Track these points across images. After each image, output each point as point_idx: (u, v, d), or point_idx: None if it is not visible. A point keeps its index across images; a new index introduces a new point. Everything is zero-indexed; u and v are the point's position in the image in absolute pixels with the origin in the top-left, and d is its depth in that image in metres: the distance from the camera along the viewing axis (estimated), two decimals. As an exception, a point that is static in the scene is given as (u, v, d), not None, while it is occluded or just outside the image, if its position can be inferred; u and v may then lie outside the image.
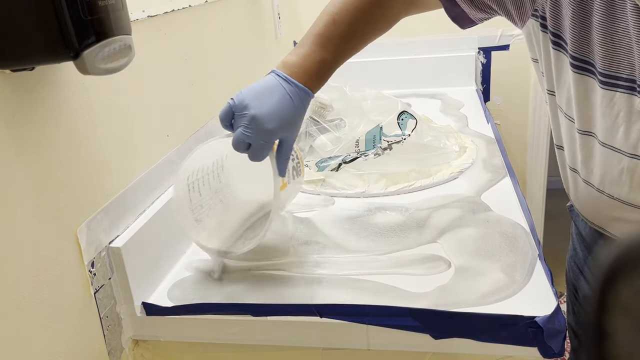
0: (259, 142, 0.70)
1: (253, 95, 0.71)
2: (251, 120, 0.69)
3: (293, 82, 0.72)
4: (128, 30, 0.59)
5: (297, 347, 0.74)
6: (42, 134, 0.62)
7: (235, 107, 0.71)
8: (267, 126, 0.69)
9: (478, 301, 0.70)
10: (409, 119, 1.16)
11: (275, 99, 0.70)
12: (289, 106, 0.71)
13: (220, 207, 0.82)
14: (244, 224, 0.82)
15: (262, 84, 0.72)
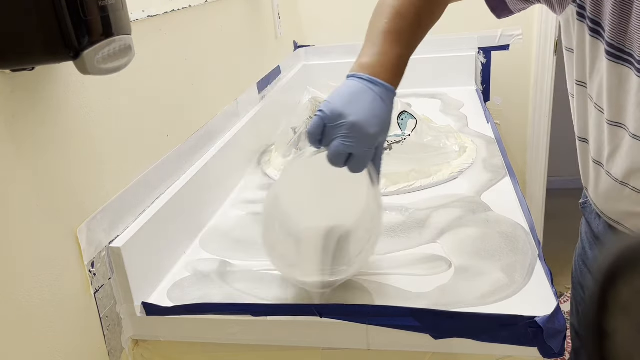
0: (362, 150, 0.65)
1: (344, 102, 0.66)
2: (351, 128, 0.64)
3: (380, 83, 0.68)
4: (128, 30, 0.59)
5: (297, 347, 0.74)
6: (42, 134, 0.62)
7: (328, 118, 0.65)
8: (369, 131, 0.65)
9: (478, 301, 0.70)
10: (409, 119, 1.16)
11: (368, 103, 0.66)
12: (382, 108, 0.67)
13: (292, 240, 0.74)
14: (326, 248, 0.73)
15: (347, 89, 0.67)
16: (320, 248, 0.72)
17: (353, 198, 0.70)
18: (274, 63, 1.52)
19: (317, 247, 0.72)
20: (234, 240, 0.91)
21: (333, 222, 0.74)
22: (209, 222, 0.98)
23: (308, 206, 0.73)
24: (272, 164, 1.18)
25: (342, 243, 0.73)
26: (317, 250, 0.72)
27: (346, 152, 0.65)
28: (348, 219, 0.73)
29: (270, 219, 0.73)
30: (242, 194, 1.09)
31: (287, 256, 0.73)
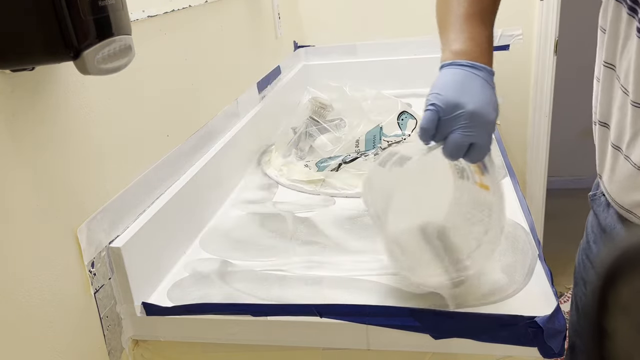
0: (483, 138, 0.63)
1: (457, 92, 0.63)
2: (471, 117, 0.62)
3: (482, 67, 0.66)
4: (128, 30, 0.59)
5: (297, 347, 0.74)
6: (42, 134, 0.62)
7: (443, 111, 0.63)
8: (489, 118, 0.63)
9: (478, 301, 0.70)
10: (409, 119, 1.16)
11: (479, 89, 0.64)
12: (492, 92, 0.66)
13: (398, 248, 0.71)
14: (430, 246, 0.71)
15: (452, 78, 0.65)
16: (424, 247, 0.70)
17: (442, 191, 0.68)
18: (274, 63, 1.52)
19: (421, 247, 0.71)
20: (234, 240, 0.91)
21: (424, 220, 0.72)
22: (209, 222, 0.98)
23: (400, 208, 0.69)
24: (272, 164, 1.18)
25: (444, 239, 0.71)
26: (423, 250, 0.70)
27: (468, 142, 0.63)
28: (438, 214, 0.71)
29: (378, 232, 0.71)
30: (242, 194, 1.09)
31: (402, 262, 0.71)
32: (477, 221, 0.69)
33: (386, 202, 0.68)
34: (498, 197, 0.66)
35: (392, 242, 0.70)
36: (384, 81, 1.66)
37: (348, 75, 1.72)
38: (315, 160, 1.12)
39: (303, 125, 1.23)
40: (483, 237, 0.68)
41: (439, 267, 0.69)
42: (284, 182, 1.11)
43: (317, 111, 1.27)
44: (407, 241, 0.71)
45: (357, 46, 1.79)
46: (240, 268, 0.83)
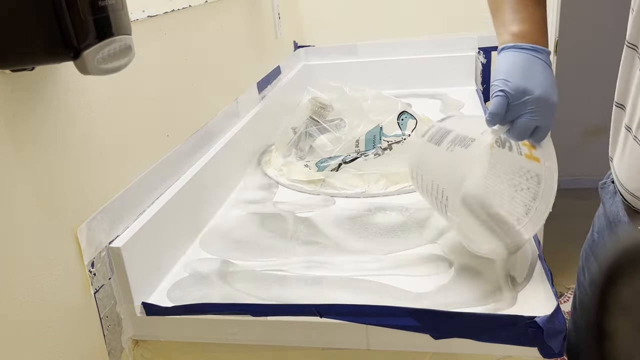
0: (549, 120, 0.67)
1: (524, 78, 0.67)
2: (537, 102, 0.66)
3: (542, 49, 0.69)
4: (128, 30, 0.59)
5: (297, 347, 0.74)
6: (42, 134, 0.62)
7: (512, 97, 0.67)
8: (553, 101, 0.67)
9: (478, 301, 0.70)
10: (409, 119, 1.16)
11: (542, 73, 0.68)
12: (552, 74, 0.69)
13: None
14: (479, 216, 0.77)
15: (516, 63, 0.68)
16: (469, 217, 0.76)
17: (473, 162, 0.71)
18: (274, 63, 1.52)
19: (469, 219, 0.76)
20: (234, 241, 0.91)
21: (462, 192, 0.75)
22: (209, 222, 0.98)
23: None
24: (272, 164, 1.18)
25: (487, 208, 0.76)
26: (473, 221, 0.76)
27: (534, 125, 0.67)
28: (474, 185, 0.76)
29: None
30: (242, 194, 1.09)
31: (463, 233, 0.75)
32: (523, 188, 0.72)
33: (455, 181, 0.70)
34: (549, 169, 0.70)
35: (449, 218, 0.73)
36: (384, 81, 1.66)
37: (348, 75, 1.72)
38: (315, 160, 1.12)
39: (303, 125, 1.23)
40: (531, 203, 0.71)
41: (490, 235, 0.73)
42: (284, 182, 1.11)
43: (317, 111, 1.27)
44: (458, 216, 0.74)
45: (357, 46, 1.79)
46: (240, 268, 0.83)
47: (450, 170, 0.71)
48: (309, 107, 1.28)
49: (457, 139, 0.71)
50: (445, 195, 0.71)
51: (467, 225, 0.76)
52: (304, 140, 1.20)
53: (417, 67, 1.72)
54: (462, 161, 0.70)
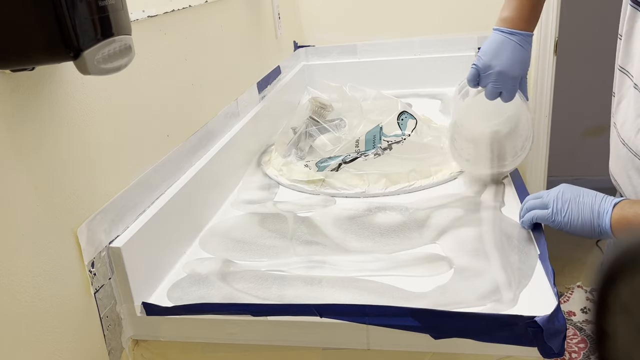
0: (508, 87, 0.90)
1: (492, 56, 0.90)
2: (498, 75, 0.89)
3: (517, 33, 0.89)
4: (128, 30, 0.59)
5: (297, 347, 0.74)
6: (42, 134, 0.62)
7: (481, 69, 0.90)
8: (512, 75, 0.89)
9: (478, 301, 0.70)
10: (409, 119, 1.16)
11: (509, 52, 0.89)
12: (521, 53, 0.90)
13: (472, 146, 1.05)
14: (492, 147, 1.03)
15: (493, 44, 0.90)
16: (489, 147, 1.03)
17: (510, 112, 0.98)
18: (274, 63, 1.52)
19: (487, 146, 1.03)
20: (233, 240, 0.91)
21: (497, 128, 1.04)
22: (209, 222, 0.98)
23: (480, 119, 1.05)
24: (272, 164, 1.18)
25: (503, 144, 1.03)
26: (487, 149, 1.03)
27: (498, 91, 0.90)
28: (506, 126, 1.03)
29: (454, 133, 1.01)
30: (242, 194, 1.09)
31: (466, 156, 1.04)
32: (520, 137, 1.00)
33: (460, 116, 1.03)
34: (529, 122, 0.97)
35: (468, 140, 1.04)
36: (384, 81, 1.66)
37: (348, 75, 1.72)
38: (315, 160, 1.12)
39: (303, 125, 1.23)
40: (519, 151, 0.99)
41: (488, 164, 1.02)
42: (284, 182, 1.11)
43: (317, 111, 1.27)
44: (482, 141, 1.04)
45: (357, 46, 1.79)
46: (240, 268, 0.83)
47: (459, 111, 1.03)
48: (309, 107, 1.28)
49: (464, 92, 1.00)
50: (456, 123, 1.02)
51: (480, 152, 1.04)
52: (304, 140, 1.20)
53: (417, 67, 1.72)
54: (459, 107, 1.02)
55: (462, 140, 1.04)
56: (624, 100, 0.78)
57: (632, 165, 0.76)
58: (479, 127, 1.06)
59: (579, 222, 0.74)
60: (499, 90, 0.90)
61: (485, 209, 0.92)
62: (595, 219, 0.73)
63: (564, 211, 0.75)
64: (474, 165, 1.04)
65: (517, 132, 1.01)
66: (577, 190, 0.77)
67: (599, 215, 0.73)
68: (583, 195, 0.76)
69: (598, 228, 0.73)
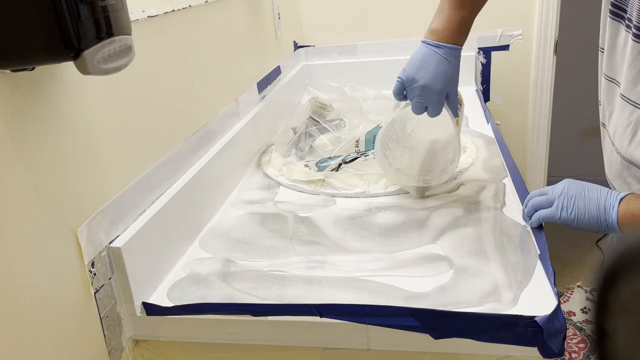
0: (433, 102, 0.87)
1: (416, 69, 0.86)
2: (422, 90, 0.86)
3: (443, 46, 0.85)
4: (128, 30, 0.59)
5: (297, 347, 0.74)
6: (42, 134, 0.62)
7: (405, 82, 0.87)
8: (435, 89, 0.85)
9: (478, 301, 0.70)
10: (408, 119, 1.15)
11: (433, 66, 0.85)
12: (446, 67, 0.86)
13: (407, 153, 1.03)
14: (425, 160, 1.02)
15: (419, 56, 0.87)
16: (423, 157, 1.02)
17: (442, 127, 0.94)
18: (274, 63, 1.52)
19: (421, 156, 1.02)
20: (233, 240, 0.91)
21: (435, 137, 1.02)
22: (209, 222, 0.98)
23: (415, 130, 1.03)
24: (272, 164, 1.18)
25: (435, 156, 1.02)
26: (421, 159, 1.02)
27: (422, 106, 0.87)
28: (444, 137, 1.00)
29: (386, 139, 0.99)
30: (242, 194, 1.09)
31: (397, 165, 1.02)
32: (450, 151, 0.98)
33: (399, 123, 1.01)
34: (457, 138, 0.94)
35: (405, 147, 1.03)
36: (384, 81, 1.66)
37: (348, 75, 1.72)
38: (315, 160, 1.12)
39: (303, 125, 1.23)
40: (449, 166, 0.97)
41: (416, 175, 1.00)
42: (284, 182, 1.11)
43: (317, 111, 1.27)
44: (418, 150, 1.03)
45: (357, 46, 1.79)
46: (240, 268, 0.83)
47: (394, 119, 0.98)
48: (309, 107, 1.28)
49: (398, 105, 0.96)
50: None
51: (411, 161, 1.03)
52: (304, 140, 1.20)
53: (417, 67, 1.72)
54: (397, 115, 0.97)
55: (398, 148, 1.02)
56: (615, 109, 0.79)
57: (628, 173, 0.78)
58: (419, 135, 1.04)
59: (586, 218, 0.74)
60: (424, 105, 0.87)
61: (485, 209, 0.92)
62: (602, 214, 0.73)
63: (570, 207, 0.76)
64: (403, 176, 1.01)
65: (450, 145, 0.99)
66: (582, 186, 0.76)
67: (605, 211, 0.73)
68: (588, 190, 0.75)
69: (605, 223, 0.73)
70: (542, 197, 0.80)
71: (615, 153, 0.80)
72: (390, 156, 1.01)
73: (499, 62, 1.76)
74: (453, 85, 0.89)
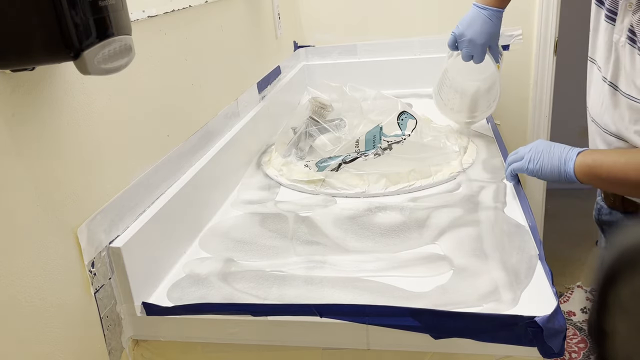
0: (477, 52, 1.12)
1: (465, 26, 1.12)
2: (469, 42, 1.11)
3: (489, 9, 1.10)
4: (128, 31, 0.59)
5: (297, 347, 0.74)
6: (42, 134, 0.62)
7: (457, 36, 1.13)
8: (479, 42, 1.10)
9: (478, 301, 0.70)
10: (409, 119, 1.16)
11: (479, 24, 1.10)
12: (489, 25, 1.10)
13: (459, 96, 1.28)
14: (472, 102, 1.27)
15: (469, 16, 1.12)
16: (470, 99, 1.27)
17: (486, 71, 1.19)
18: (274, 63, 1.52)
19: (469, 98, 1.27)
20: (233, 240, 0.91)
21: (479, 84, 1.25)
22: (209, 222, 0.98)
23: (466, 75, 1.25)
24: (272, 164, 1.18)
25: (480, 98, 1.26)
26: (469, 100, 1.27)
27: (469, 54, 1.13)
28: (486, 83, 1.23)
29: (440, 85, 1.26)
30: (242, 194, 1.09)
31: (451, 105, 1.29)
32: (492, 94, 1.21)
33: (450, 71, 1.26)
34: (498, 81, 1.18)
35: (456, 91, 1.28)
36: (384, 81, 1.66)
37: (348, 75, 1.72)
38: (315, 160, 1.12)
39: (303, 125, 1.23)
40: (492, 103, 1.22)
41: (466, 113, 1.28)
42: (284, 182, 1.11)
43: (317, 111, 1.27)
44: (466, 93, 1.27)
45: (357, 46, 1.79)
46: (240, 268, 0.83)
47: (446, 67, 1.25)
48: (309, 107, 1.28)
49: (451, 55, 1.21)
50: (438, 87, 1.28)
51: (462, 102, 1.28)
52: (304, 140, 1.20)
53: (417, 67, 1.72)
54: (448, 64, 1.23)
55: (450, 91, 1.27)
56: (593, 85, 0.92)
57: (600, 139, 0.91)
58: (466, 81, 1.26)
59: (549, 169, 0.88)
60: (471, 54, 1.12)
61: (485, 209, 0.92)
62: (562, 166, 0.87)
63: (537, 160, 0.90)
64: (457, 114, 1.28)
65: (492, 90, 1.22)
66: (549, 144, 0.91)
67: (565, 162, 0.87)
68: (554, 147, 0.90)
69: (564, 173, 0.87)
70: (515, 155, 0.96)
71: (591, 121, 0.93)
72: (445, 98, 1.27)
73: (499, 62, 1.76)
74: (495, 39, 1.13)
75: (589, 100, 0.95)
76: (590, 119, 0.94)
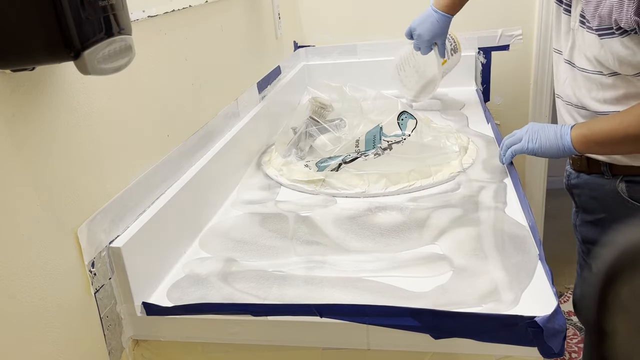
0: (424, 46, 1.34)
1: (418, 22, 1.32)
2: (418, 37, 1.33)
3: (439, 12, 1.28)
4: (128, 31, 0.59)
5: (297, 347, 0.74)
6: (42, 134, 0.62)
7: (411, 29, 1.34)
8: (425, 38, 1.32)
9: (478, 301, 0.70)
10: (409, 119, 1.16)
11: (429, 23, 1.30)
12: (436, 27, 1.30)
13: (417, 77, 1.53)
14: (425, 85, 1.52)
15: (424, 14, 1.31)
16: (425, 82, 1.51)
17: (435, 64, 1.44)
18: (274, 63, 1.52)
19: (424, 81, 1.51)
20: (233, 240, 0.91)
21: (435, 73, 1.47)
22: (209, 222, 0.98)
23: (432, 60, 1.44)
24: (272, 164, 1.18)
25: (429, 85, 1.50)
26: (423, 83, 1.52)
27: (417, 46, 1.35)
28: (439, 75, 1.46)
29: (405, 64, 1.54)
30: (242, 194, 1.09)
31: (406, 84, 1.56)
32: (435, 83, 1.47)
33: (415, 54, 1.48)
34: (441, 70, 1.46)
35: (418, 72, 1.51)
36: (384, 81, 1.66)
37: (348, 75, 1.72)
38: (315, 160, 1.12)
39: (303, 125, 1.22)
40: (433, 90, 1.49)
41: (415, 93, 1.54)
42: (284, 182, 1.11)
43: (317, 111, 1.27)
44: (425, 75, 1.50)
45: (357, 46, 1.79)
46: (240, 268, 0.83)
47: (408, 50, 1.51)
48: (309, 107, 1.28)
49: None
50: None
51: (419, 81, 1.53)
52: (304, 140, 1.20)
53: (417, 67, 1.72)
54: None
55: (411, 69, 1.53)
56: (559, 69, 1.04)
57: (564, 110, 1.03)
58: (430, 64, 1.47)
59: (547, 145, 0.97)
60: (418, 47, 1.35)
61: (485, 209, 0.92)
62: (560, 140, 0.96)
63: (535, 139, 0.98)
64: (409, 91, 1.55)
65: (434, 82, 1.46)
66: (542, 124, 1.00)
67: (562, 137, 0.95)
68: (547, 126, 0.99)
69: (563, 147, 0.95)
70: (512, 137, 1.02)
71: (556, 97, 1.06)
72: (402, 74, 1.55)
73: (499, 62, 1.76)
74: (441, 38, 1.33)
75: (556, 82, 1.06)
76: (557, 95, 1.06)
